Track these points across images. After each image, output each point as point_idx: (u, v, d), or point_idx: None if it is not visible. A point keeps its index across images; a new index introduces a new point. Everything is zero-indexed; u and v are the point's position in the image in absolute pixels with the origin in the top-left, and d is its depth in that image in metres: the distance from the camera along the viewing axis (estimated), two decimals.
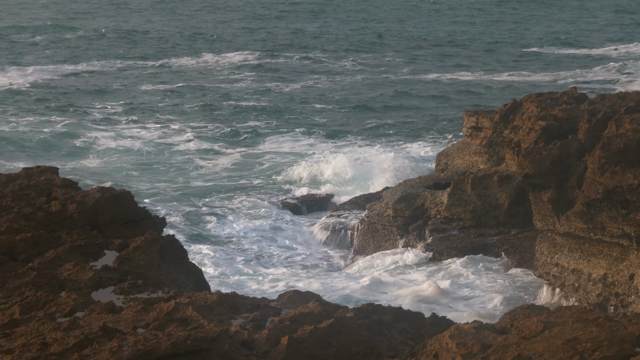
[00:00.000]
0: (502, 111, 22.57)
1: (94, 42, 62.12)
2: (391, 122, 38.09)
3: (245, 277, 20.09)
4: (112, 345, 8.45)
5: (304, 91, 45.27)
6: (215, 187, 28.29)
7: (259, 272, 20.62)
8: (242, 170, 30.56)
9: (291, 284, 18.90)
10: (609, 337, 8.53)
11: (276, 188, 27.96)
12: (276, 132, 35.99)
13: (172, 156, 32.49)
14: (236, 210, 25.52)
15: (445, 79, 49.10)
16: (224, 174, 29.98)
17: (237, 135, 35.67)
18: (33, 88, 45.17)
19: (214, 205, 26.21)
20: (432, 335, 9.51)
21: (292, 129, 36.25)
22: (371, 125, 37.54)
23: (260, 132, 36.19)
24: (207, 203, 26.37)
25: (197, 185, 28.66)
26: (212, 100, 42.61)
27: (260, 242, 22.77)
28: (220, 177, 29.83)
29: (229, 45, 61.05)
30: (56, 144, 33.97)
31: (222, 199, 26.94)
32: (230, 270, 20.46)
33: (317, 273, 20.79)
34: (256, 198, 26.52)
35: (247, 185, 28.54)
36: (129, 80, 47.86)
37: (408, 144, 33.49)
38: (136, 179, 29.16)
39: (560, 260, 17.55)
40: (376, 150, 31.36)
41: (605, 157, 16.20)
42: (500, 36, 66.39)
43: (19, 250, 11.66)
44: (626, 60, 54.20)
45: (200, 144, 34.17)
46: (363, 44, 61.69)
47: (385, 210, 22.19)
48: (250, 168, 30.81)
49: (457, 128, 33.17)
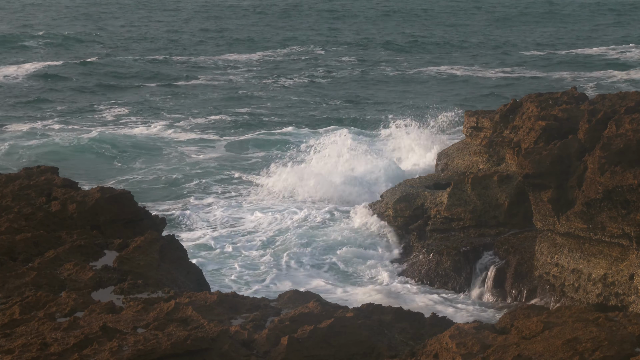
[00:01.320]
0: (502, 111, 22.59)
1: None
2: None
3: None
4: (112, 345, 8.45)
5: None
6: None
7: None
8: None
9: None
10: (609, 337, 8.53)
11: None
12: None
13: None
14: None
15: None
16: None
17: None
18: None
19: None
20: (432, 335, 9.52)
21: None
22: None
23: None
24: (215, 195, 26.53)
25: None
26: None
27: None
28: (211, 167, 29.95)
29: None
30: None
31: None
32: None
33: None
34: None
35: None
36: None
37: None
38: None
39: (560, 260, 17.55)
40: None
41: (605, 157, 16.20)
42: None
43: (19, 250, 11.67)
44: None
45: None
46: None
47: (385, 210, 22.20)
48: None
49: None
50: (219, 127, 36.73)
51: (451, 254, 20.27)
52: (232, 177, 28.89)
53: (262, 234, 22.72)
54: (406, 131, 30.01)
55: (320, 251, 21.47)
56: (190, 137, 34.89)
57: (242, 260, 20.89)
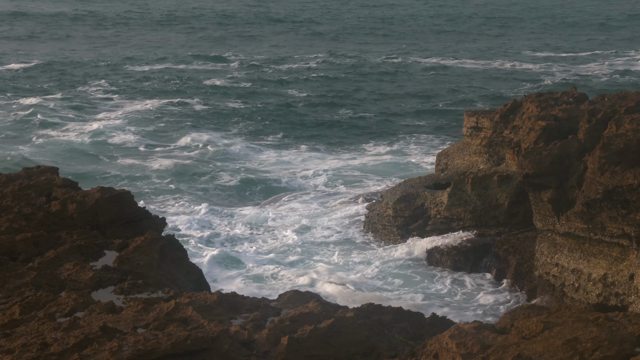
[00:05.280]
0: (502, 111, 22.58)
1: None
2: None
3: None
4: (112, 345, 8.45)
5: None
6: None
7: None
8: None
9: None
10: (609, 337, 8.53)
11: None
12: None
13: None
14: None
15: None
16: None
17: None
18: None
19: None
20: (432, 335, 9.52)
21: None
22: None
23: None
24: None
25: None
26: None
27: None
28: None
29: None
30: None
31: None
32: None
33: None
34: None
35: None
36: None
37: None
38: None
39: (560, 260, 17.54)
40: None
41: (605, 157, 16.20)
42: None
43: (19, 250, 11.66)
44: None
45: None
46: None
47: (385, 210, 22.19)
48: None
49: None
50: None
51: (451, 254, 20.28)
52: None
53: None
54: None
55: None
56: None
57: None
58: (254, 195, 27.76)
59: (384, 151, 33.18)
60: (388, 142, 34.68)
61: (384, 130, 36.83)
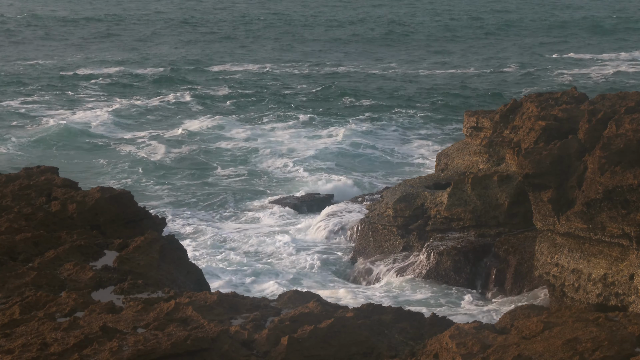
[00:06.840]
0: (502, 111, 22.57)
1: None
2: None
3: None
4: (112, 345, 8.44)
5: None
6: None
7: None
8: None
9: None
10: (609, 337, 8.53)
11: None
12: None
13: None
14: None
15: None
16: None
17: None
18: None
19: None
20: (432, 335, 9.51)
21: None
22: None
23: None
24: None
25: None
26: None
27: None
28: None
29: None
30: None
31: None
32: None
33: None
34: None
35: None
36: None
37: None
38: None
39: (560, 260, 17.53)
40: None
41: (605, 157, 16.19)
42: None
43: (19, 250, 11.65)
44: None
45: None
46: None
47: (385, 210, 22.18)
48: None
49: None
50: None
51: (451, 254, 20.28)
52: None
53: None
54: None
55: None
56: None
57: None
58: (254, 195, 27.75)
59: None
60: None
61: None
